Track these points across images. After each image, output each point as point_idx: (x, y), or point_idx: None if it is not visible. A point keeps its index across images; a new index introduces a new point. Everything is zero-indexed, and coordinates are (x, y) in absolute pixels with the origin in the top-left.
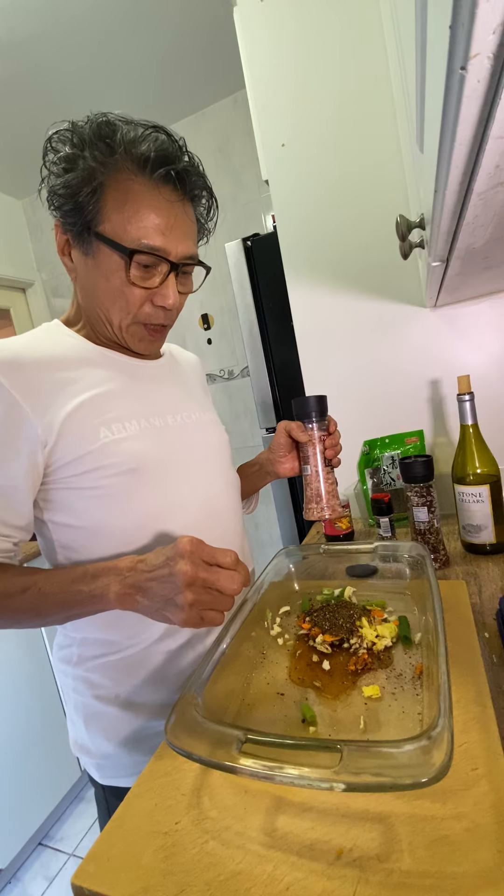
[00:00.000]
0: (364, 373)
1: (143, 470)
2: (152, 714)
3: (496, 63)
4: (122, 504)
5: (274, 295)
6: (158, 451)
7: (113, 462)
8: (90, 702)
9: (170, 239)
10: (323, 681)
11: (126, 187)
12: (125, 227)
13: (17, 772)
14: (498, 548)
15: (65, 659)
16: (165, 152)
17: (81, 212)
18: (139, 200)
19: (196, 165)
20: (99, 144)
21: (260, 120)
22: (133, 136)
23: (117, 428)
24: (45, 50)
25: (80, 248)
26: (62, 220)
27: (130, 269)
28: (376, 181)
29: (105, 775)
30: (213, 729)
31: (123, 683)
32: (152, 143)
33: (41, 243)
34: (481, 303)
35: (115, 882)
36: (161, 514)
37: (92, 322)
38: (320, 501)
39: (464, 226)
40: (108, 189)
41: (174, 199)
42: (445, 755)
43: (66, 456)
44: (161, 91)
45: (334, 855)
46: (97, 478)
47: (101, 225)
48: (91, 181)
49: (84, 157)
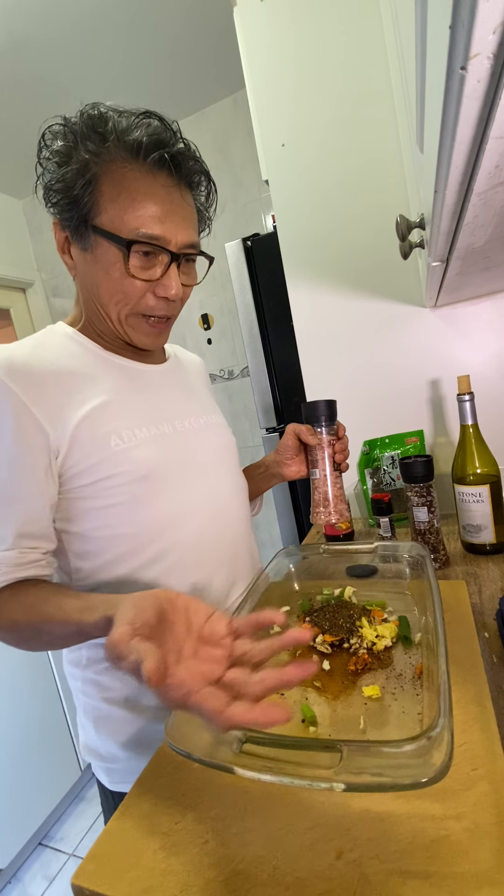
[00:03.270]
0: (364, 373)
1: (154, 477)
2: (162, 717)
3: (496, 63)
4: (133, 512)
5: (274, 295)
6: (168, 458)
7: (125, 470)
8: (99, 704)
9: (168, 227)
10: (323, 681)
11: (120, 176)
12: (122, 217)
13: (17, 772)
14: (498, 548)
15: (74, 662)
16: (158, 137)
17: (77, 205)
18: (134, 189)
19: (192, 150)
20: (91, 135)
21: (260, 120)
22: (125, 125)
23: (127, 436)
24: (46, 50)
25: (79, 243)
26: (59, 216)
27: (130, 260)
28: (376, 181)
29: (114, 780)
30: (213, 729)
31: (132, 686)
32: (144, 128)
33: (41, 243)
34: (481, 303)
35: (115, 882)
36: (172, 521)
37: (94, 321)
38: (328, 506)
39: (464, 226)
40: (103, 180)
41: (170, 184)
42: (445, 755)
43: (78, 465)
44: (161, 91)
45: (334, 855)
46: (109, 486)
47: (97, 217)
48: (85, 173)
49: (77, 149)
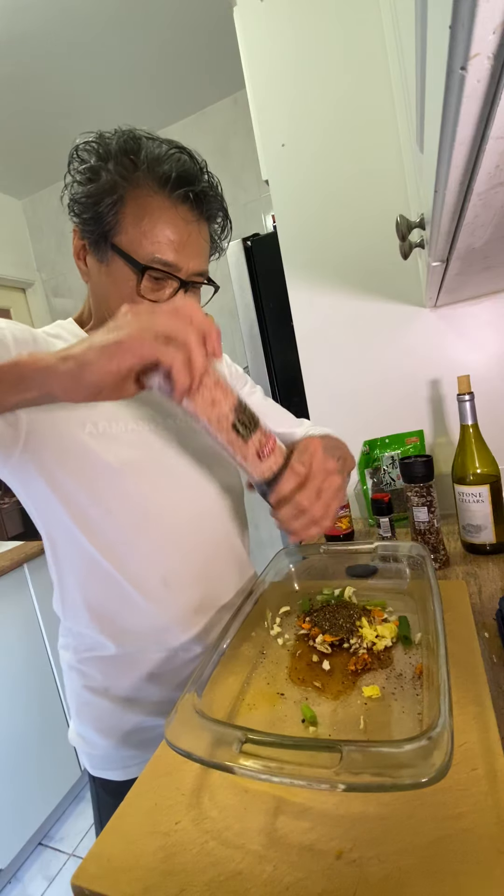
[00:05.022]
0: (364, 373)
1: (125, 472)
2: (142, 710)
3: (496, 63)
4: (102, 501)
5: (274, 295)
6: (140, 455)
7: (94, 459)
8: (81, 692)
9: (182, 256)
10: (323, 681)
11: (145, 203)
12: (140, 240)
13: (18, 772)
14: (498, 548)
15: (64, 645)
16: (186, 173)
17: (100, 221)
18: (157, 216)
19: (215, 187)
20: (123, 159)
21: (260, 120)
22: (157, 154)
23: (103, 426)
24: (45, 50)
25: (96, 254)
26: (81, 226)
27: (142, 282)
28: (376, 181)
29: (95, 766)
30: (213, 729)
31: (113, 678)
32: (174, 163)
33: (41, 243)
34: (481, 303)
35: (115, 882)
36: (146, 516)
37: (101, 325)
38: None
39: (464, 226)
40: (128, 202)
41: (191, 218)
42: (445, 755)
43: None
44: (161, 91)
45: (334, 855)
46: (80, 468)
47: (117, 236)
48: (112, 193)
49: (108, 169)
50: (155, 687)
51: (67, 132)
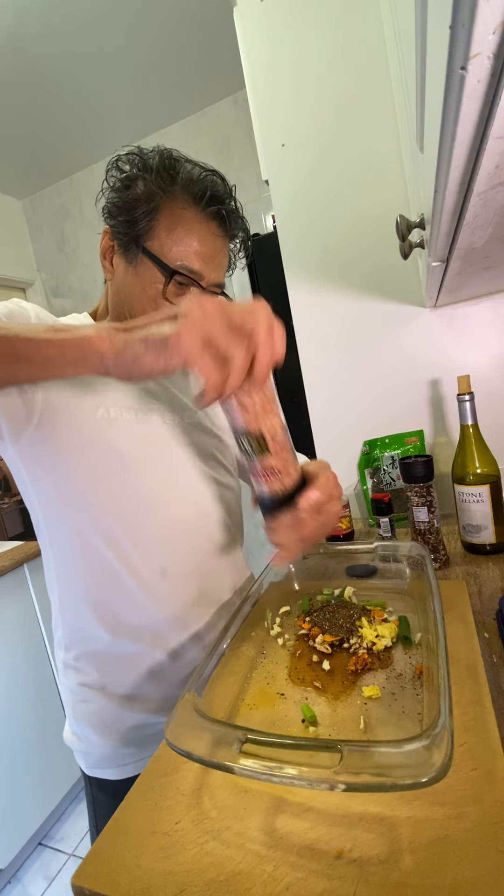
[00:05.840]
0: (364, 373)
1: (131, 459)
2: (138, 708)
3: (496, 63)
4: (106, 486)
5: (274, 295)
6: (148, 444)
7: (103, 444)
8: (78, 689)
9: (206, 266)
10: (323, 681)
11: (180, 214)
12: (171, 247)
13: (17, 772)
14: (498, 548)
15: (58, 643)
16: (219, 193)
17: (134, 226)
18: (189, 228)
19: (240, 210)
20: (163, 173)
21: (260, 120)
22: (193, 175)
23: (115, 412)
24: (45, 50)
25: (125, 256)
26: (114, 228)
27: (168, 286)
28: (376, 181)
29: (90, 765)
30: (213, 729)
31: (109, 675)
32: (209, 183)
33: (41, 243)
34: (481, 303)
35: (115, 882)
36: (148, 505)
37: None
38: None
39: (464, 226)
40: (164, 212)
41: (218, 234)
42: (445, 755)
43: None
44: (161, 91)
45: (334, 855)
46: (88, 451)
47: (149, 241)
48: (149, 202)
49: (146, 179)
50: (152, 685)
51: (67, 132)
